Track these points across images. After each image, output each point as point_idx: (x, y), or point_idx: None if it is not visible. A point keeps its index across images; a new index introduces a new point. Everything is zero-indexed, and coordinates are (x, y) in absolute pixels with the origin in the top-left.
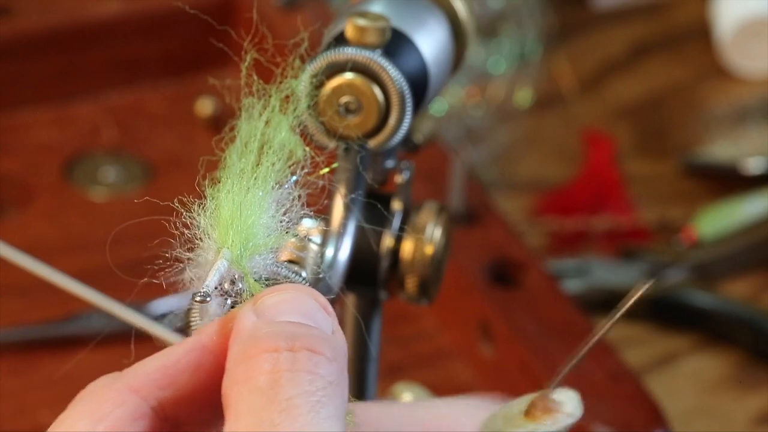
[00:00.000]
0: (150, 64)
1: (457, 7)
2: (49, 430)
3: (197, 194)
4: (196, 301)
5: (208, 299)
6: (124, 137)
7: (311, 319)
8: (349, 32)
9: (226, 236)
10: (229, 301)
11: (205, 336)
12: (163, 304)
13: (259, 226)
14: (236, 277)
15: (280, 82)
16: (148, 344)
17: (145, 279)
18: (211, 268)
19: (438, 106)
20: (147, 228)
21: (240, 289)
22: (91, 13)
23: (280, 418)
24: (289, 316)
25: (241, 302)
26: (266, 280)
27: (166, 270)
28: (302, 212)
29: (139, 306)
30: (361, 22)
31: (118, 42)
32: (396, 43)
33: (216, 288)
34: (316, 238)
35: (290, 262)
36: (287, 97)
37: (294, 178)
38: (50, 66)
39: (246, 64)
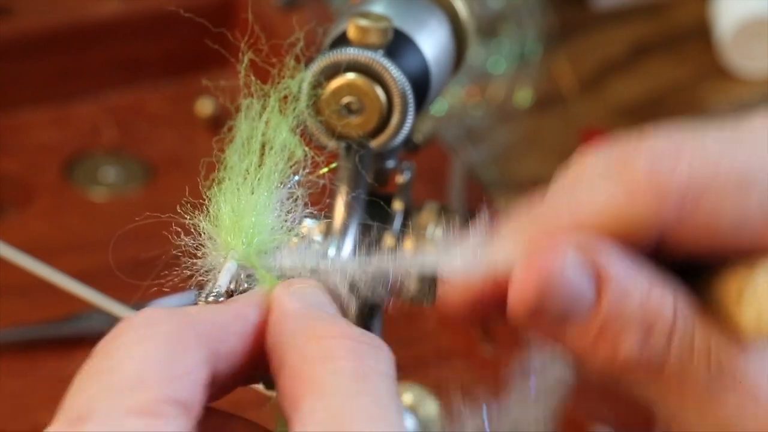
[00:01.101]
0: (150, 64)
1: (457, 7)
2: (100, 359)
3: (198, 194)
4: (208, 302)
5: (221, 300)
6: (124, 137)
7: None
8: (351, 33)
9: (233, 237)
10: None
11: (247, 307)
12: (163, 304)
13: (264, 226)
14: (242, 277)
15: (279, 83)
16: None
17: (150, 282)
18: (222, 269)
19: (438, 106)
20: (148, 229)
21: (249, 286)
22: (91, 13)
23: (380, 413)
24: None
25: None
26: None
27: (171, 271)
28: (305, 212)
29: (139, 306)
30: (364, 22)
31: (118, 42)
32: (398, 44)
33: (226, 289)
34: (318, 238)
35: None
36: (286, 97)
37: (296, 178)
38: (50, 66)
39: (244, 65)
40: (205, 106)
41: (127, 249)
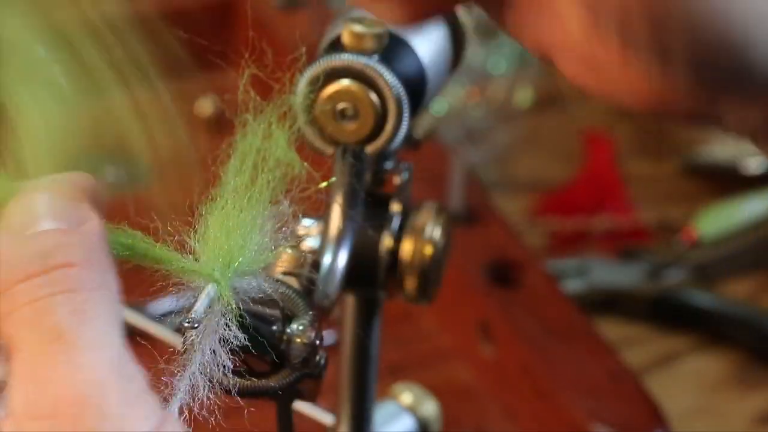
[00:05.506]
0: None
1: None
2: None
3: (196, 198)
4: (185, 328)
5: (196, 326)
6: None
7: (59, 217)
8: (346, 39)
9: (216, 258)
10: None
11: None
12: (162, 304)
13: (250, 246)
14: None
15: (278, 99)
16: (148, 344)
17: (150, 282)
18: (201, 294)
19: (438, 106)
20: (148, 229)
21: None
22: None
23: (55, 348)
24: (36, 225)
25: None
26: (257, 300)
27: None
28: (297, 227)
29: (139, 306)
30: (358, 28)
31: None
32: (393, 48)
33: (204, 312)
34: (314, 243)
35: (286, 273)
36: (285, 113)
37: (287, 199)
38: None
39: (243, 80)
40: (205, 106)
41: None
